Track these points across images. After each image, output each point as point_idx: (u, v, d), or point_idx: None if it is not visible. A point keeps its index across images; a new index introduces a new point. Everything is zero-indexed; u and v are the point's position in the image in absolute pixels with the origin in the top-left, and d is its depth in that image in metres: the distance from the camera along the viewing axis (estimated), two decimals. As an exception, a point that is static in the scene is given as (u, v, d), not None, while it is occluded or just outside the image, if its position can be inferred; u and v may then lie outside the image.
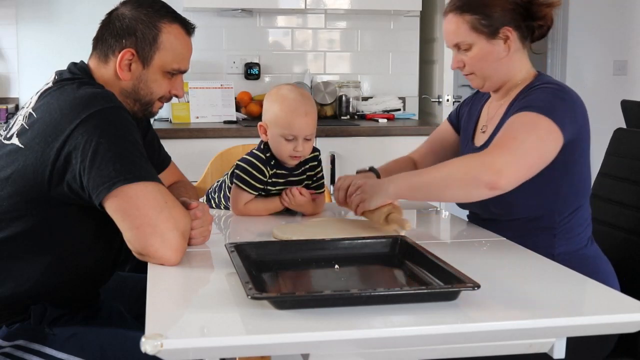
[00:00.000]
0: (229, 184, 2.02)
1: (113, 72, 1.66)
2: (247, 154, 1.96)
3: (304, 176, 1.99)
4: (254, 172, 1.92)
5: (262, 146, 1.96)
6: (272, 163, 1.93)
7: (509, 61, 1.80)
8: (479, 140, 1.89)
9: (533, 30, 1.80)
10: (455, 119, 2.05)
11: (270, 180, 1.94)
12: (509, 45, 1.77)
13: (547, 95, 1.70)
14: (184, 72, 1.72)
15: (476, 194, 1.60)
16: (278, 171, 1.95)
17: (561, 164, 1.69)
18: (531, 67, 1.85)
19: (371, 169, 1.97)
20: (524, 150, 1.60)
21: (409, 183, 1.68)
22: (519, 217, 1.77)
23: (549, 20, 1.80)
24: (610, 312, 1.23)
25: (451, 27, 1.80)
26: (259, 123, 1.93)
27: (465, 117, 2.00)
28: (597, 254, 1.80)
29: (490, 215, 1.81)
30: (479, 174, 1.57)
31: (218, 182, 2.15)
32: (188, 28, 1.71)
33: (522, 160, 1.60)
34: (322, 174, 2.04)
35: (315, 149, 1.98)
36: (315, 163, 2.01)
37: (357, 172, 1.99)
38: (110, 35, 1.66)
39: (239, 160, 1.96)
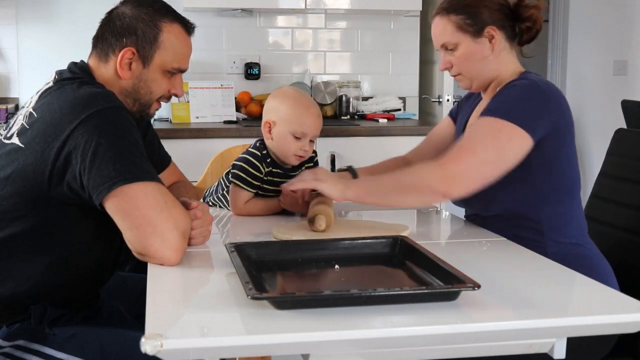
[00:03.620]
0: (224, 185, 2.03)
1: (113, 71, 1.66)
2: (243, 153, 1.98)
3: None
4: (250, 169, 1.93)
5: (257, 144, 1.98)
6: (267, 160, 1.95)
7: (495, 60, 1.82)
8: None
9: (522, 32, 1.82)
10: (455, 114, 2.07)
11: (266, 178, 1.95)
12: (493, 44, 1.80)
13: (515, 96, 1.72)
14: (183, 71, 1.73)
15: (430, 201, 1.70)
16: (274, 170, 1.96)
17: (536, 161, 1.70)
18: (518, 67, 1.86)
19: (349, 169, 1.98)
20: (479, 163, 1.65)
21: (367, 187, 1.72)
22: (500, 214, 1.78)
23: (537, 22, 1.82)
24: (610, 312, 1.23)
25: (438, 29, 1.85)
26: (264, 120, 1.94)
27: (462, 111, 2.03)
28: (595, 253, 1.80)
29: (476, 211, 1.83)
30: (434, 183, 1.64)
31: (212, 186, 2.16)
32: (188, 27, 1.71)
33: (476, 173, 1.65)
34: None
35: (312, 151, 2.00)
36: (312, 165, 2.03)
37: (337, 171, 2.01)
38: (110, 34, 1.66)
39: (235, 160, 1.98)
